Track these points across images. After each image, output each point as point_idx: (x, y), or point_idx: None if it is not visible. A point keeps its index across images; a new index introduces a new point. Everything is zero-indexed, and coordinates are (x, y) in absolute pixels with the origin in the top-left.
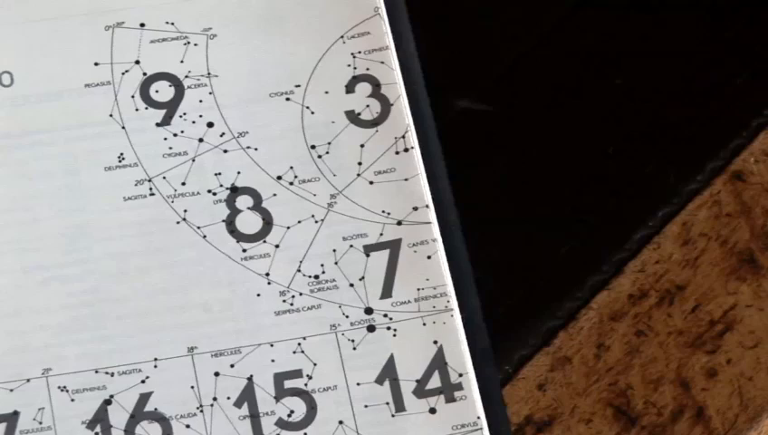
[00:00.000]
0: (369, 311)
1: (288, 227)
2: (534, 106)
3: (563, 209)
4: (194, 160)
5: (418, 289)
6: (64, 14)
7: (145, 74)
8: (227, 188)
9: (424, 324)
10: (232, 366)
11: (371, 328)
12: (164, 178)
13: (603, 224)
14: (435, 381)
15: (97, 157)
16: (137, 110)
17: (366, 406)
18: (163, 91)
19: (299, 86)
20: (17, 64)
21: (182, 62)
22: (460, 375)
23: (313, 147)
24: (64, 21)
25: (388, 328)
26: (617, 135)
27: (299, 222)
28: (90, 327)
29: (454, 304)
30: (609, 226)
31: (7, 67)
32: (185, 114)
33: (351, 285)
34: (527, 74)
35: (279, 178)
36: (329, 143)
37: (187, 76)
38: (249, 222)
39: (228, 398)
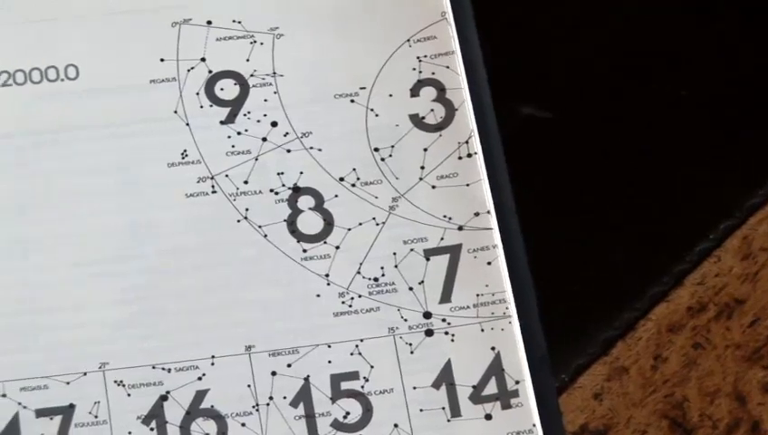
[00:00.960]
0: (427, 315)
1: (349, 229)
2: (597, 115)
3: (625, 219)
4: (257, 159)
5: (477, 295)
6: (131, 9)
7: (210, 72)
8: (289, 188)
9: (482, 330)
10: (289, 366)
11: (429, 332)
12: (226, 176)
13: (664, 235)
14: (491, 388)
15: (160, 153)
16: (201, 107)
17: (421, 410)
18: (228, 90)
19: (364, 88)
20: (83, 58)
21: (248, 60)
22: (517, 382)
23: (377, 149)
24: (131, 16)
25: (446, 333)
26: (680, 146)
27: (360, 224)
28: (148, 323)
29: (512, 310)
30: (670, 237)
31: (73, 60)
32: (249, 113)
33: (411, 288)
34: (591, 83)
35: (341, 179)
36: (392, 146)
37: (252, 75)
38: (310, 222)
39: (284, 397)
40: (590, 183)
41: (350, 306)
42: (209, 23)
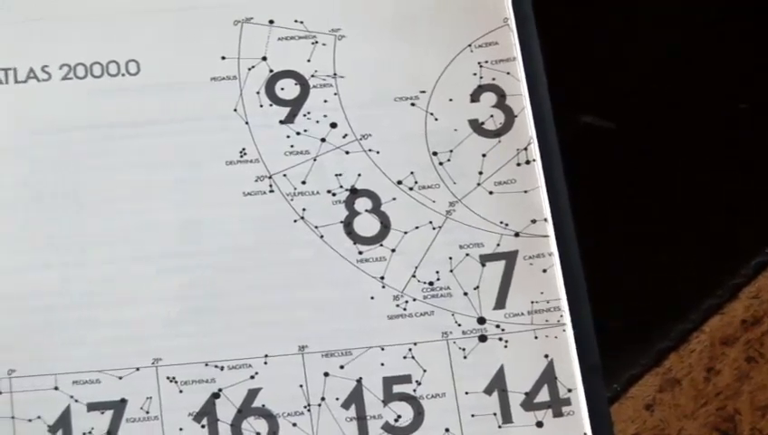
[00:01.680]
0: (481, 321)
1: (405, 232)
2: (656, 125)
3: (680, 232)
4: (315, 160)
5: (532, 302)
6: (194, 6)
7: (271, 71)
8: (347, 190)
9: (536, 337)
10: (342, 367)
11: (483, 338)
12: (284, 175)
13: (720, 248)
14: (543, 395)
15: (219, 150)
16: (261, 106)
17: (473, 416)
18: (288, 89)
19: (424, 92)
20: (144, 54)
21: (309, 61)
22: (569, 390)
23: (435, 153)
24: (193, 12)
25: (500, 339)
26: (738, 159)
27: (416, 228)
28: (202, 320)
29: (567, 318)
30: (726, 250)
31: (134, 56)
32: (309, 113)
33: (465, 293)
34: (651, 93)
35: (399, 182)
36: (451, 151)
37: (313, 75)
38: (367, 225)
39: (336, 399)
40: (647, 194)
41: (405, 310)
42: (271, 22)
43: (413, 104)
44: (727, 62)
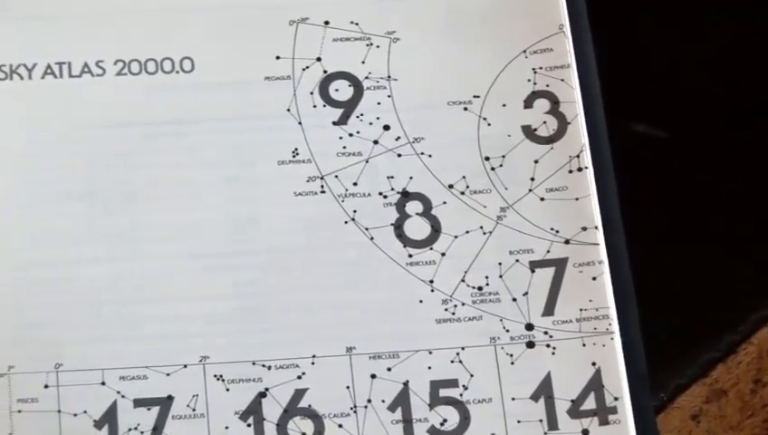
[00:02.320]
0: (529, 327)
1: (456, 236)
2: (710, 136)
3: (731, 242)
4: (367, 162)
5: (581, 309)
6: (249, 5)
7: (325, 72)
8: (398, 193)
9: (584, 345)
10: (389, 370)
11: (531, 344)
12: (336, 176)
13: None
14: (590, 403)
15: (271, 150)
16: (314, 106)
17: (519, 422)
18: (342, 91)
19: (477, 97)
20: (199, 51)
21: (363, 62)
22: (615, 399)
23: (487, 158)
24: (249, 11)
25: (548, 346)
26: None
27: (467, 232)
28: (250, 318)
29: (615, 327)
30: None
31: (189, 53)
32: (362, 115)
33: (514, 299)
34: (706, 104)
35: (450, 186)
36: (503, 156)
37: (367, 77)
38: (417, 228)
39: (383, 401)
40: (698, 204)
41: (453, 314)
42: (327, 23)
43: (466, 108)
44: None
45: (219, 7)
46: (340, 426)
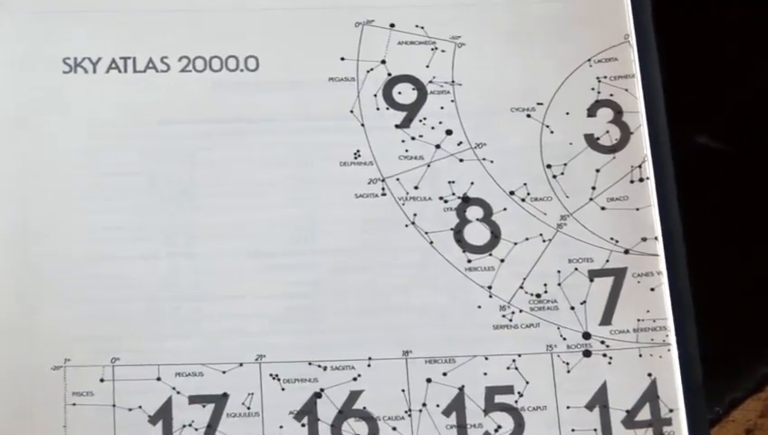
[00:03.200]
0: (587, 336)
1: (515, 243)
2: None
3: None
4: (429, 166)
5: (638, 320)
6: (316, 5)
7: (389, 75)
8: (459, 197)
9: (640, 356)
10: (444, 374)
11: (587, 353)
12: (397, 179)
13: None
14: (645, 414)
15: (333, 151)
16: (377, 109)
17: (573, 430)
18: (406, 94)
19: (541, 104)
20: (264, 50)
21: (428, 66)
22: (671, 411)
23: (549, 166)
24: (315, 12)
25: (604, 355)
26: None
27: (527, 239)
28: (307, 319)
29: (672, 338)
30: None
31: (254, 52)
32: (425, 119)
33: (572, 308)
34: None
35: (512, 193)
36: (565, 164)
37: (431, 81)
38: (477, 233)
39: (437, 405)
40: (759, 218)
41: (511, 320)
42: (392, 26)
43: (529, 115)
44: None
45: (285, 7)
46: (395, 429)
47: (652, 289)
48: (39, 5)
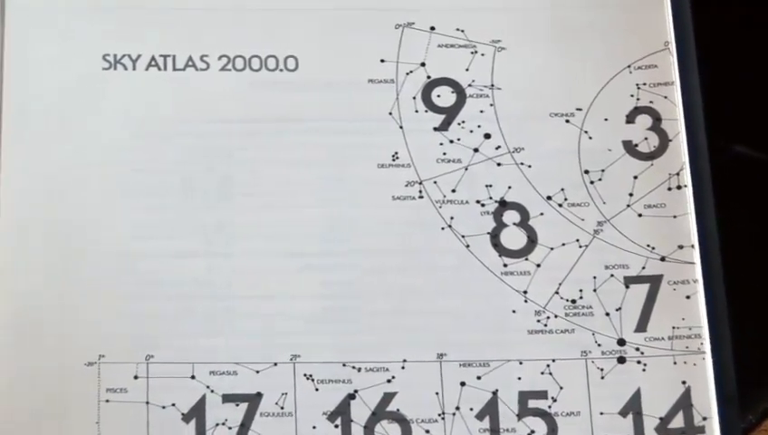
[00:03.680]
0: (621, 342)
1: (552, 248)
2: None
3: None
4: (466, 169)
5: (673, 327)
6: (356, 7)
7: (429, 77)
8: (496, 202)
9: (675, 363)
10: (479, 378)
11: (622, 360)
12: (435, 182)
13: None
14: (678, 421)
15: (371, 152)
16: (416, 111)
17: None
18: (445, 97)
19: (580, 109)
20: (304, 51)
21: (467, 70)
22: (704, 419)
23: (587, 172)
24: (355, 13)
25: (639, 362)
26: None
27: (563, 244)
28: (342, 319)
29: (707, 346)
30: None
31: (293, 52)
32: (463, 122)
33: (607, 314)
34: None
35: (549, 198)
36: (602, 170)
37: (470, 85)
38: (514, 238)
39: (471, 409)
40: None
41: (546, 325)
42: (432, 28)
43: (568, 121)
44: None
45: (325, 8)
46: (428, 432)
47: (688, 297)
48: (80, 1)
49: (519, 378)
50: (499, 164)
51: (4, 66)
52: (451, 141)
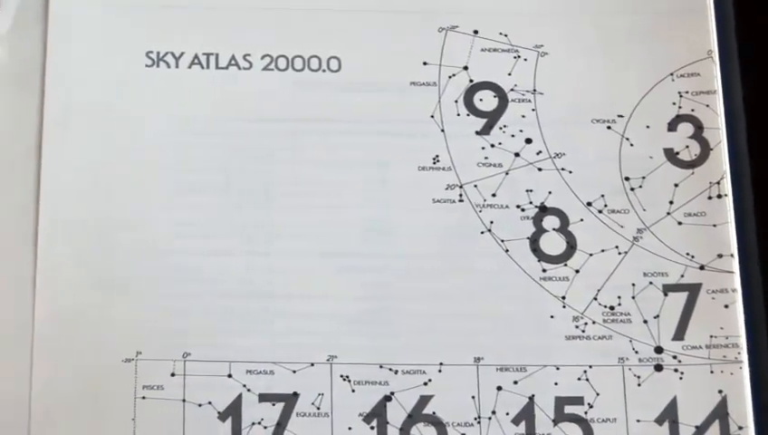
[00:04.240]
0: (659, 350)
1: (591, 254)
2: None
3: None
4: (507, 174)
5: (711, 336)
6: (400, 10)
7: (471, 81)
8: (536, 207)
9: (712, 372)
10: (515, 383)
11: (659, 367)
12: (475, 186)
13: None
14: (714, 430)
15: (412, 155)
16: (458, 115)
17: None
18: (487, 101)
19: (622, 116)
20: (347, 51)
21: (510, 74)
22: (740, 428)
23: (627, 178)
24: (399, 16)
25: (676, 370)
26: None
27: (602, 251)
28: (380, 321)
29: (744, 356)
30: None
31: (336, 53)
32: (505, 127)
33: (645, 321)
34: None
35: (589, 204)
36: (643, 177)
37: (512, 89)
38: (553, 243)
39: (507, 413)
40: None
41: (583, 332)
42: (476, 32)
43: (609, 127)
44: None
45: (369, 9)
46: None
47: (726, 306)
48: None
49: (556, 383)
50: (540, 169)
51: (47, 64)
52: (492, 146)
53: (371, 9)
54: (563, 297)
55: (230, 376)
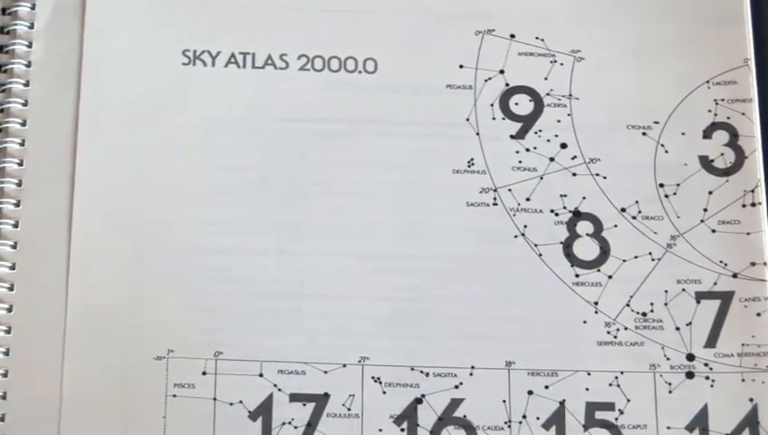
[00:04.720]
0: (690, 357)
1: (624, 260)
2: None
3: None
4: (542, 178)
5: (743, 344)
6: (437, 12)
7: (507, 85)
8: (570, 211)
9: (743, 380)
10: (546, 387)
11: (690, 375)
12: (509, 190)
13: None
14: None
15: (447, 158)
16: (494, 118)
17: None
18: (522, 105)
19: (657, 123)
20: (383, 53)
21: (546, 79)
22: None
23: (662, 185)
24: (436, 18)
25: (707, 378)
26: None
27: (635, 257)
28: (411, 323)
29: None
30: None
31: (373, 54)
32: (540, 131)
33: (677, 328)
34: None
35: (623, 210)
36: (678, 184)
37: (548, 94)
38: (586, 248)
39: (537, 418)
40: None
41: (615, 337)
42: (512, 36)
43: (644, 134)
44: None
45: (406, 11)
46: None
47: (758, 314)
48: None
49: (587, 389)
50: (574, 174)
51: (83, 60)
52: (527, 150)
53: (408, 11)
54: (596, 303)
55: (261, 375)
